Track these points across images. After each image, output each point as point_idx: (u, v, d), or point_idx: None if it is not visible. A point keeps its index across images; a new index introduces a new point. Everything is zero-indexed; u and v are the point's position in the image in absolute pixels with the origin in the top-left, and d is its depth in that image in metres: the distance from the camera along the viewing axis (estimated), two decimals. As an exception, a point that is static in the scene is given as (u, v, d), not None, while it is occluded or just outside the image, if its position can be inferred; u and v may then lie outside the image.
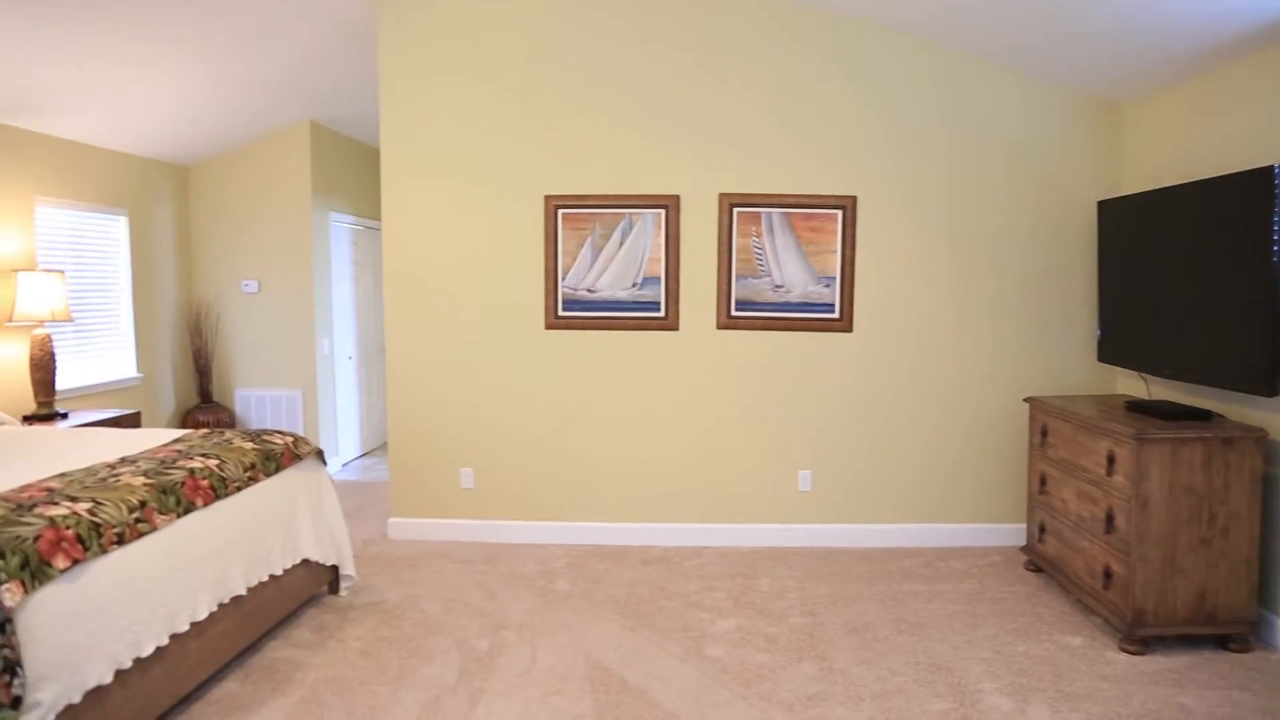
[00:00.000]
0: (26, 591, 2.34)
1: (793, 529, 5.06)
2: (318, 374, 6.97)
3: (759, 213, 4.89)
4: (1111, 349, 4.50)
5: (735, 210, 4.89)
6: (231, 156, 6.92)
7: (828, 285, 4.90)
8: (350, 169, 7.58)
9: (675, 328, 4.99)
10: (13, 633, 2.28)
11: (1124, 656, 3.60)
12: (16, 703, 2.27)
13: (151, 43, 4.77)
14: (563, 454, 5.13)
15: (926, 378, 4.98)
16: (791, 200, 4.87)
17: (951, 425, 5.01)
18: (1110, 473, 3.78)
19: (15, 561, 2.36)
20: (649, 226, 4.94)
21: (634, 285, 4.98)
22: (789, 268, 4.90)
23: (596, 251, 4.98)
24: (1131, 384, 4.75)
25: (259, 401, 7.01)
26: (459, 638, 3.79)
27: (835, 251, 4.88)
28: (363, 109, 6.61)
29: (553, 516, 5.16)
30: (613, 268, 4.98)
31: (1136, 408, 4.05)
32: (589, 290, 5.00)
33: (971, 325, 4.95)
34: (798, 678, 3.40)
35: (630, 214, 4.94)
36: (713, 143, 4.89)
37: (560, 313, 5.03)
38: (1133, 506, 3.60)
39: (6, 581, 2.30)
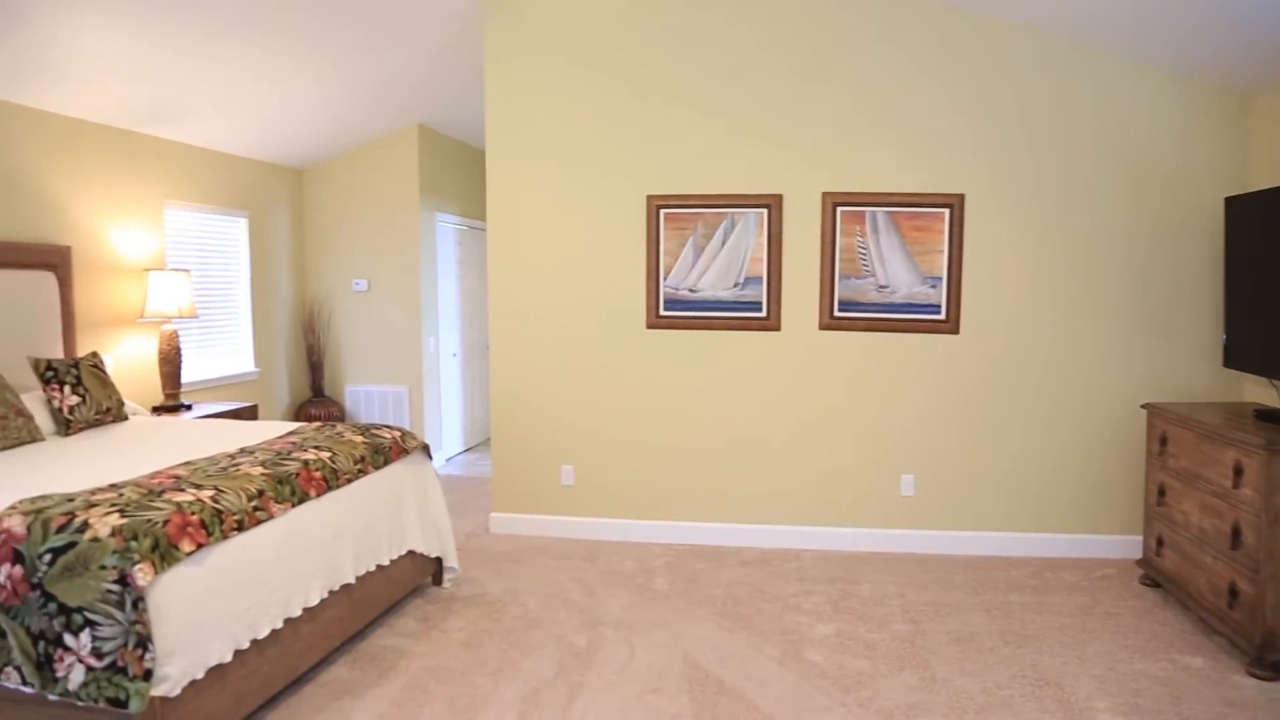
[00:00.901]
0: (157, 572, 2.48)
1: (894, 534, 4.96)
2: (423, 371, 7.16)
3: (863, 212, 4.81)
4: (1238, 354, 4.27)
5: (839, 209, 4.83)
6: (344, 159, 7.17)
7: (934, 286, 4.80)
8: (456, 170, 7.76)
9: (777, 328, 4.96)
10: (144, 610, 2.41)
11: (1251, 681, 3.40)
12: (148, 675, 2.41)
13: (272, 55, 4.98)
14: (662, 453, 5.15)
15: (1036, 381, 4.83)
16: (896, 199, 4.78)
17: (1062, 431, 4.84)
18: (1237, 485, 3.60)
19: (147, 543, 2.50)
20: (751, 226, 4.92)
21: (736, 285, 4.96)
22: (894, 268, 4.82)
23: (698, 251, 4.98)
24: (1260, 391, 4.51)
25: (367, 396, 7.24)
26: (558, 633, 3.84)
27: (942, 251, 4.78)
28: (469, 112, 6.75)
29: (651, 515, 5.18)
30: (714, 267, 4.97)
31: (1266, 416, 3.85)
32: (690, 290, 5.01)
33: (1083, 327, 4.78)
34: (898, 686, 3.34)
35: (732, 213, 4.93)
36: (816, 141, 4.84)
37: (662, 312, 5.05)
38: (1262, 521, 3.42)
39: (140, 562, 2.44)
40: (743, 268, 4.95)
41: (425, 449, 4.34)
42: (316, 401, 7.10)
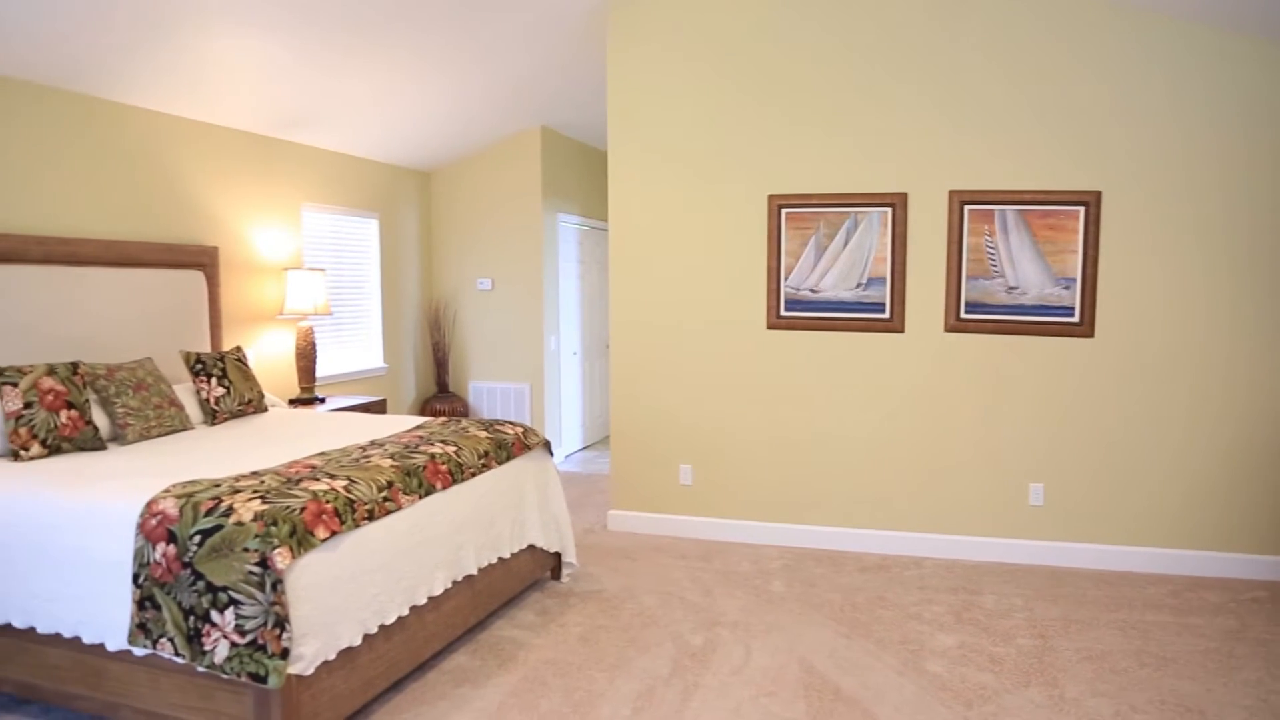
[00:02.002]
0: (294, 556, 2.60)
1: (1021, 545, 4.79)
2: (545, 368, 7.28)
3: (992, 210, 4.66)
4: None
5: (966, 208, 4.69)
6: (470, 162, 7.36)
7: (1067, 287, 4.61)
8: (578, 172, 7.87)
9: (900, 329, 4.85)
10: (283, 592, 2.53)
11: None
12: (285, 653, 2.53)
13: (401, 62, 5.15)
14: (781, 455, 5.10)
15: (1177, 388, 4.57)
16: (1028, 196, 4.61)
17: (1206, 442, 4.56)
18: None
19: (285, 529, 2.62)
20: (875, 225, 4.82)
21: (858, 285, 4.88)
22: (1024, 268, 4.65)
23: (820, 251, 4.92)
24: None
25: (490, 393, 7.42)
26: (674, 631, 3.85)
27: (1076, 251, 4.58)
28: (591, 113, 6.85)
29: (769, 517, 5.14)
30: (836, 268, 4.90)
31: None
32: (812, 290, 4.95)
33: (1231, 332, 4.49)
34: (1024, 704, 3.21)
35: (855, 213, 4.85)
36: (942, 138, 4.71)
37: (782, 313, 5.01)
38: None
39: (279, 546, 2.56)
40: (865, 268, 4.86)
41: (547, 445, 4.42)
42: (441, 397, 7.31)
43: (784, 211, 4.96)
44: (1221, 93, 4.40)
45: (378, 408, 5.93)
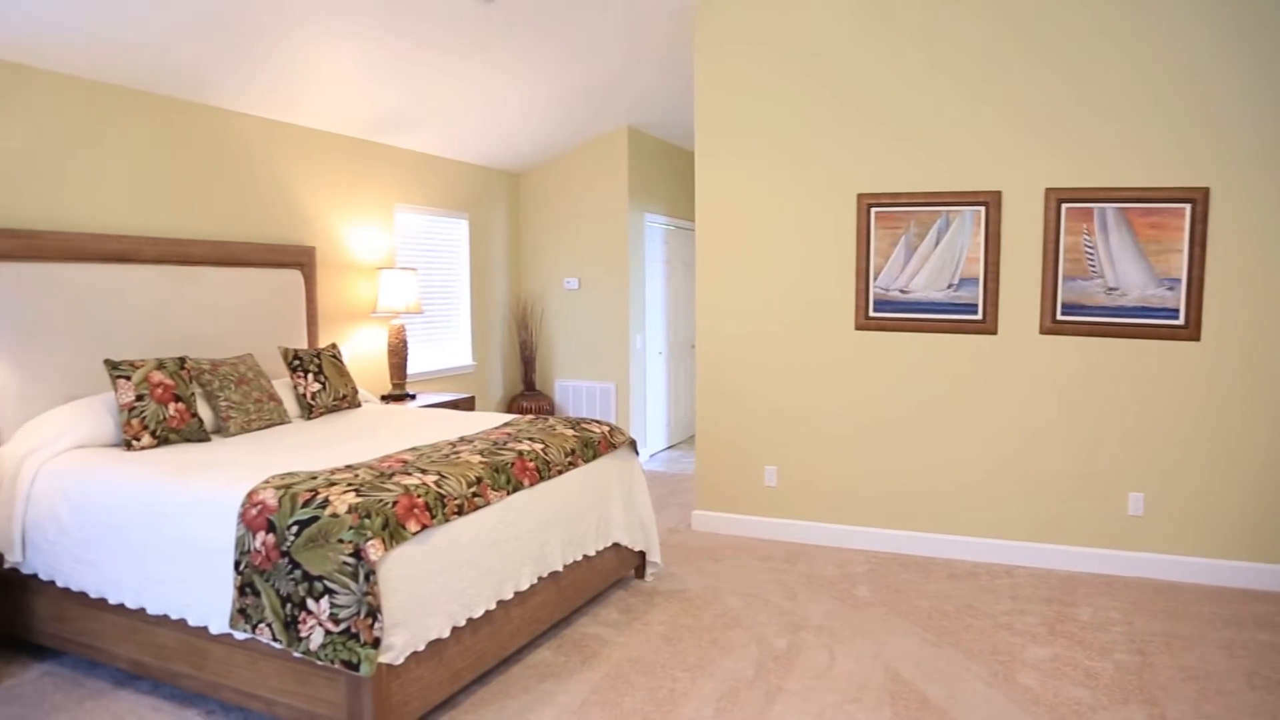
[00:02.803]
0: (386, 548, 2.67)
1: (1119, 556, 4.62)
2: (630, 368, 7.32)
3: (1090, 209, 4.51)
4: None
5: (1063, 206, 4.55)
6: (557, 162, 7.44)
7: (1170, 288, 4.43)
8: (664, 171, 7.89)
9: (993, 331, 4.73)
10: (375, 583, 2.60)
11: None
12: (377, 643, 2.59)
13: (491, 65, 5.24)
14: (868, 457, 5.03)
15: (1292, 396, 4.36)
16: (1129, 194, 4.44)
17: (1323, 452, 4.34)
18: None
19: (378, 522, 2.69)
20: (967, 225, 4.71)
21: (949, 286, 4.77)
22: (1124, 268, 4.49)
23: (910, 251, 4.83)
24: None
25: (575, 391, 7.48)
26: (758, 633, 3.83)
27: (1180, 250, 4.40)
28: (677, 113, 6.86)
29: (855, 521, 5.07)
30: (927, 268, 4.80)
31: None
32: (901, 291, 4.86)
33: (1354, 338, 4.26)
34: None
35: (947, 212, 4.75)
36: (1038, 135, 4.57)
37: (871, 313, 4.93)
38: None
39: (372, 538, 2.63)
40: (957, 268, 4.76)
41: (632, 444, 4.44)
42: (528, 395, 7.41)
43: (873, 211, 4.89)
44: (1343, 85, 4.18)
45: (466, 405, 6.04)
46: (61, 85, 4.07)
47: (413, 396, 5.81)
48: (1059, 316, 4.61)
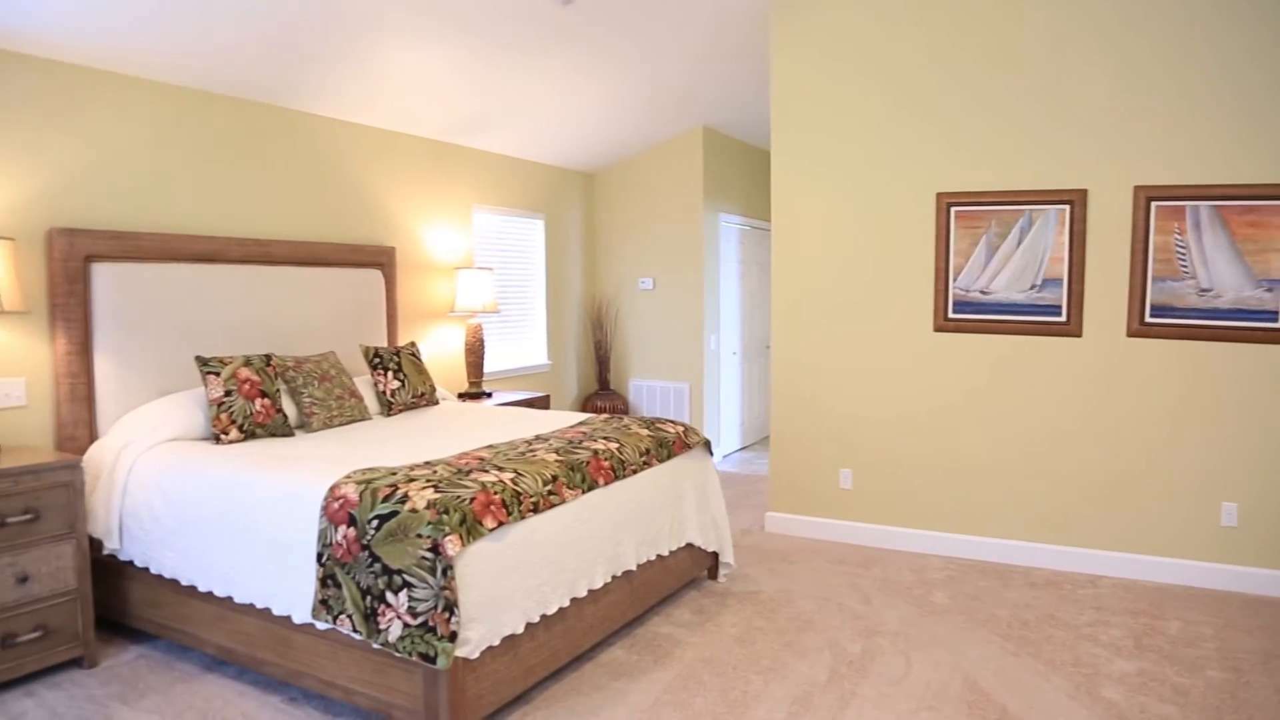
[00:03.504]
0: (463, 544, 2.71)
1: (1211, 568, 4.44)
2: (704, 368, 7.30)
3: (1182, 206, 4.35)
4: None
5: (1153, 204, 4.40)
6: (632, 162, 7.46)
7: (1270, 289, 4.25)
8: (739, 171, 7.86)
9: (1078, 334, 4.59)
10: (452, 577, 2.64)
11: None
12: (453, 636, 2.63)
13: (566, 67, 5.28)
14: (946, 461, 4.93)
15: (1401, 404, 4.14)
16: (1223, 191, 4.27)
17: None
18: None
19: (456, 518, 2.73)
20: (1051, 224, 4.59)
21: (1032, 287, 4.66)
22: (1219, 269, 4.32)
23: (991, 251, 4.72)
24: None
25: (649, 391, 7.50)
26: (831, 637, 3.79)
27: (1281, 251, 4.22)
28: (752, 112, 6.82)
29: (932, 526, 4.98)
30: (1009, 268, 4.69)
31: None
32: (982, 292, 4.76)
33: None
34: (1215, 735, 2.99)
35: (1030, 210, 4.63)
36: (1126, 131, 4.42)
37: (950, 314, 4.84)
38: None
39: (450, 534, 2.67)
40: (1040, 268, 4.64)
41: (707, 445, 4.43)
42: (602, 394, 7.45)
43: (953, 210, 4.79)
44: None
45: (541, 403, 6.10)
46: (156, 92, 4.24)
47: (489, 395, 5.89)
48: (1148, 319, 4.46)
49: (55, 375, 3.86)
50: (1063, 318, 4.61)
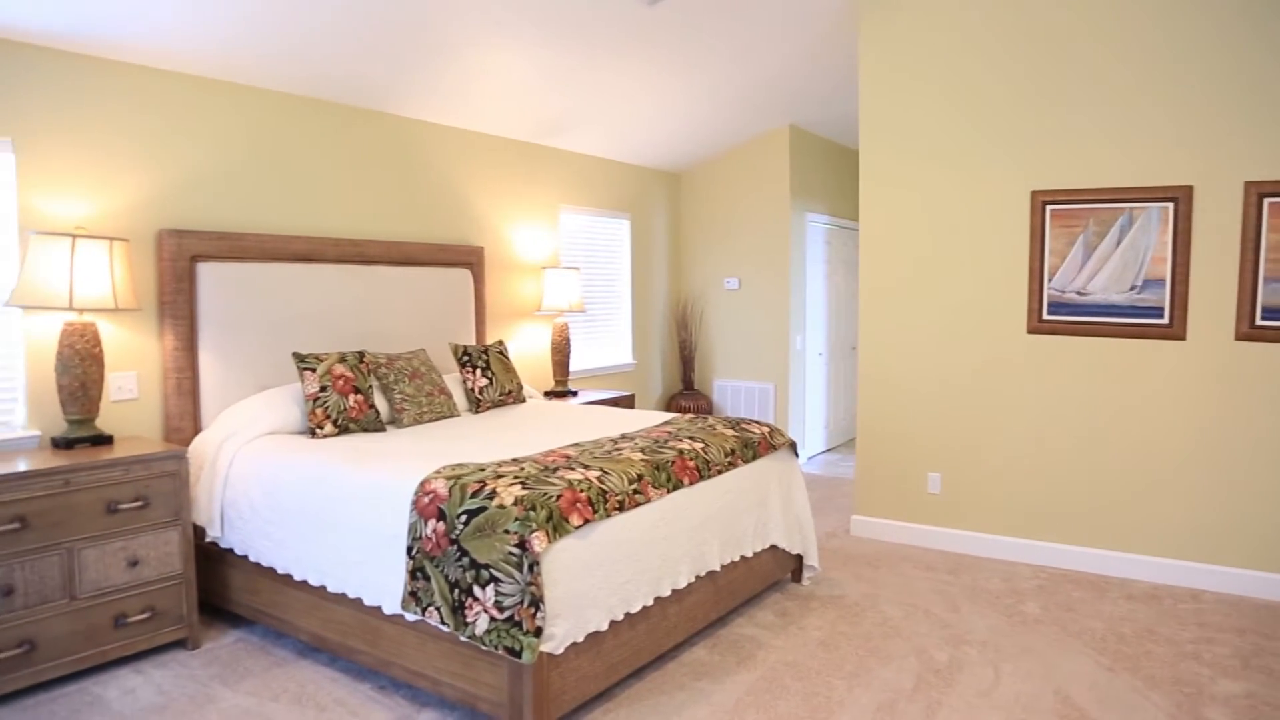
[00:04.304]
0: (549, 541, 2.74)
1: (1326, 583, 4.23)
2: (789, 368, 7.25)
3: (1299, 206, 4.14)
4: None
5: (1265, 201, 4.19)
6: (718, 162, 7.44)
7: (1393, 294, 4.02)
8: (826, 170, 7.77)
9: (1181, 337, 4.42)
10: (538, 573, 2.68)
11: None
12: (538, 632, 2.67)
13: (653, 67, 5.29)
14: (1039, 467, 4.79)
15: None
16: (1346, 191, 4.06)
17: None
18: None
19: (543, 515, 2.77)
20: (1153, 222, 4.42)
21: (1132, 288, 4.49)
22: (1338, 272, 4.10)
23: (1089, 251, 4.57)
24: None
25: (734, 391, 7.47)
26: (918, 645, 3.72)
27: (1407, 253, 3.98)
28: (839, 110, 6.74)
29: (1024, 533, 4.85)
30: (1107, 269, 4.54)
31: None
32: (1078, 293, 4.61)
33: None
34: (1329, 761, 2.84)
35: (1131, 209, 4.47)
36: (1235, 124, 4.22)
37: (1044, 316, 4.70)
38: None
39: (536, 530, 2.71)
40: (1141, 269, 4.47)
41: (792, 446, 4.39)
42: (686, 394, 7.45)
43: (1049, 208, 4.65)
44: None
45: (626, 402, 6.13)
46: (257, 98, 4.40)
47: (574, 393, 5.94)
48: (1258, 321, 4.26)
49: (163, 370, 4.04)
50: (1165, 320, 4.44)
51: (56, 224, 3.67)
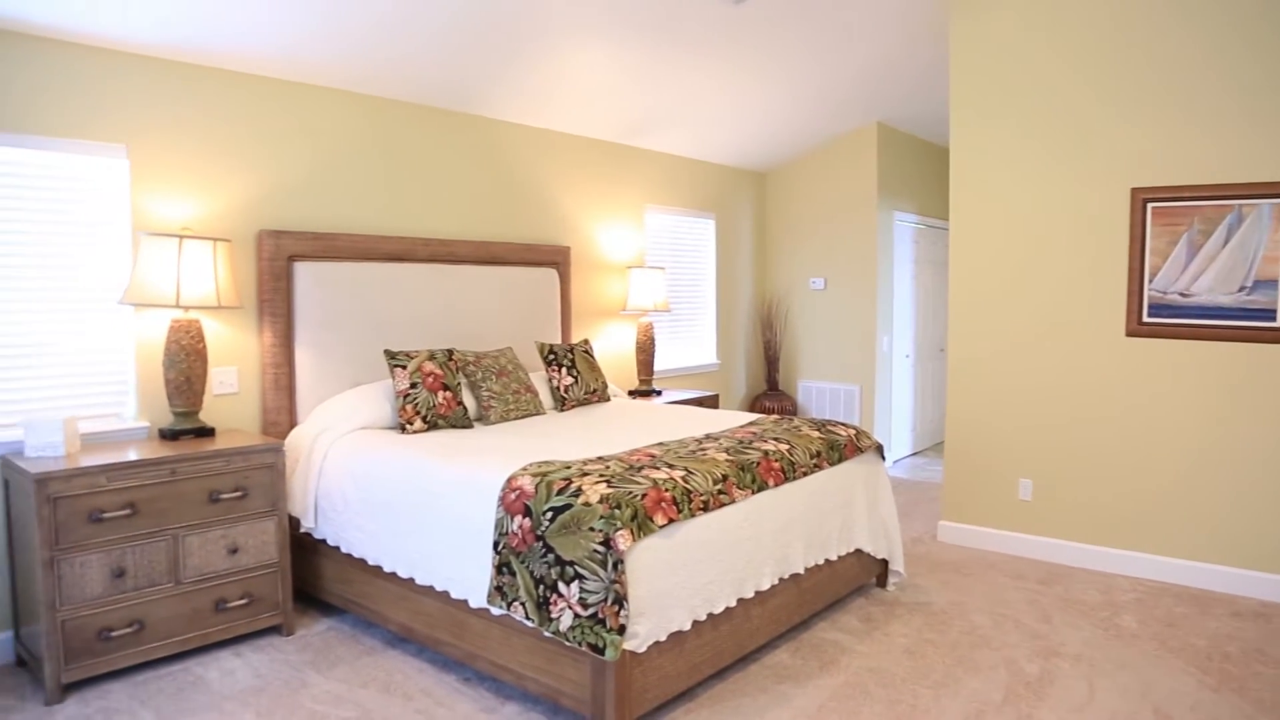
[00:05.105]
0: (634, 539, 2.75)
1: None
2: (876, 370, 7.14)
3: None
4: None
5: (1391, 203, 3.98)
6: (803, 160, 7.37)
7: None
8: (914, 168, 7.62)
9: (1294, 342, 4.22)
10: (623, 571, 2.69)
11: None
12: (622, 629, 2.68)
13: (737, 66, 5.27)
14: (1138, 475, 4.62)
15: None
16: None
17: None
18: None
19: (628, 513, 2.78)
20: (1264, 219, 4.22)
21: (1241, 289, 4.30)
22: None
23: (1193, 250, 4.39)
24: None
25: (819, 393, 7.39)
26: (1007, 656, 3.62)
27: None
28: (929, 107, 6.61)
29: (1121, 544, 4.68)
30: (1213, 269, 4.35)
31: None
32: (1181, 294, 4.44)
33: None
34: None
35: (1240, 205, 4.27)
36: (1362, 121, 4.02)
37: (1145, 318, 4.53)
38: None
39: (621, 529, 2.72)
40: (1251, 269, 4.28)
41: (879, 449, 4.33)
42: (770, 395, 7.40)
43: (1150, 206, 4.48)
44: None
45: (710, 402, 6.11)
46: (350, 102, 4.52)
47: (659, 393, 5.95)
48: (1380, 327, 4.04)
49: (262, 365, 4.18)
50: (1277, 323, 4.24)
51: (165, 225, 3.83)
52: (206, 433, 3.76)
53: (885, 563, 4.32)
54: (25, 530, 3.21)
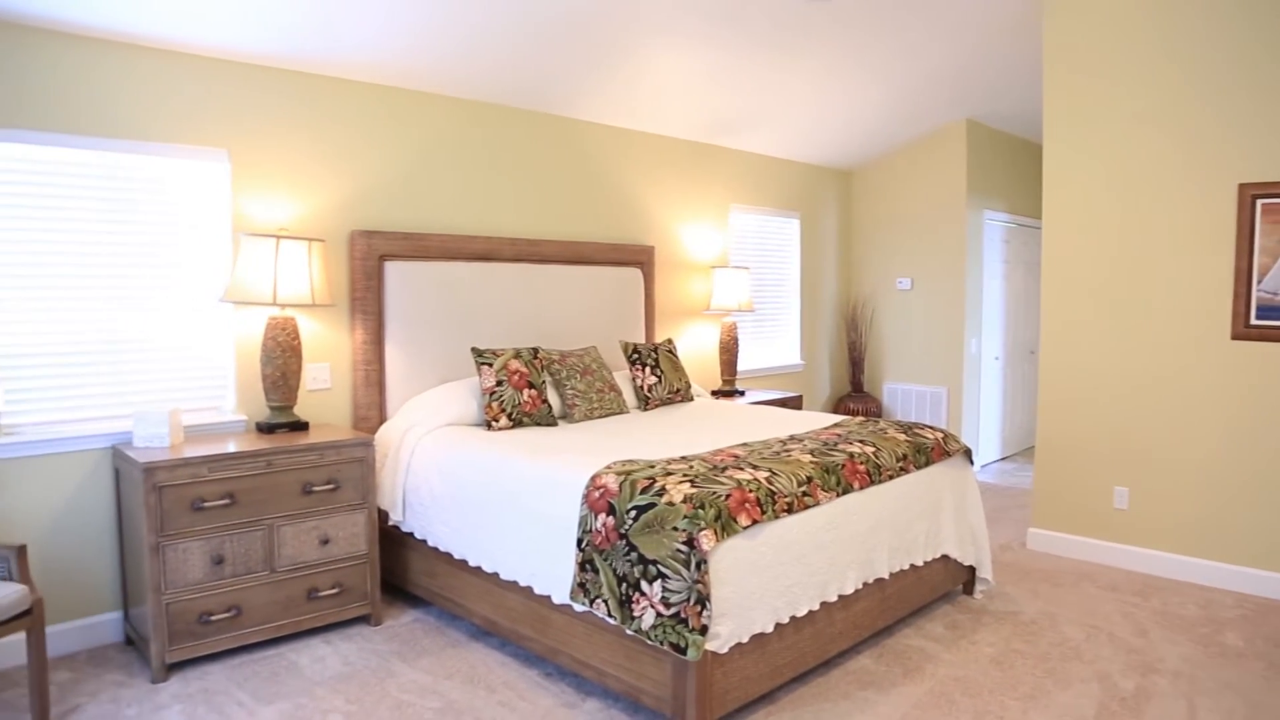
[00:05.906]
0: (717, 539, 2.74)
1: None
2: (964, 372, 6.98)
3: None
4: None
5: None
6: (890, 159, 7.25)
7: None
8: (1005, 165, 7.43)
9: None
10: (706, 572, 2.69)
11: None
12: (704, 630, 2.68)
13: (826, 63, 5.21)
14: (1243, 485, 4.43)
15: None
16: None
17: None
18: None
19: (711, 513, 2.78)
20: (1387, 223, 4.01)
21: (1358, 294, 4.09)
22: None
23: (1307, 253, 4.19)
24: None
25: (905, 395, 7.27)
26: (1100, 669, 3.51)
27: None
28: (1021, 104, 6.44)
29: (1224, 556, 4.49)
30: (1329, 273, 4.15)
31: None
32: (1293, 299, 4.24)
33: None
34: None
35: (1359, 208, 4.07)
36: None
37: (1252, 321, 4.34)
38: None
39: (704, 529, 2.72)
40: (1371, 273, 4.06)
41: (967, 453, 4.23)
42: (855, 396, 7.30)
43: (1259, 203, 4.29)
44: None
45: (794, 403, 6.07)
46: (440, 104, 4.62)
47: (742, 393, 5.93)
48: None
49: (353, 362, 4.29)
50: (1398, 329, 4.02)
51: (263, 226, 3.97)
52: (300, 427, 3.88)
53: (973, 569, 4.23)
54: (133, 517, 3.37)
